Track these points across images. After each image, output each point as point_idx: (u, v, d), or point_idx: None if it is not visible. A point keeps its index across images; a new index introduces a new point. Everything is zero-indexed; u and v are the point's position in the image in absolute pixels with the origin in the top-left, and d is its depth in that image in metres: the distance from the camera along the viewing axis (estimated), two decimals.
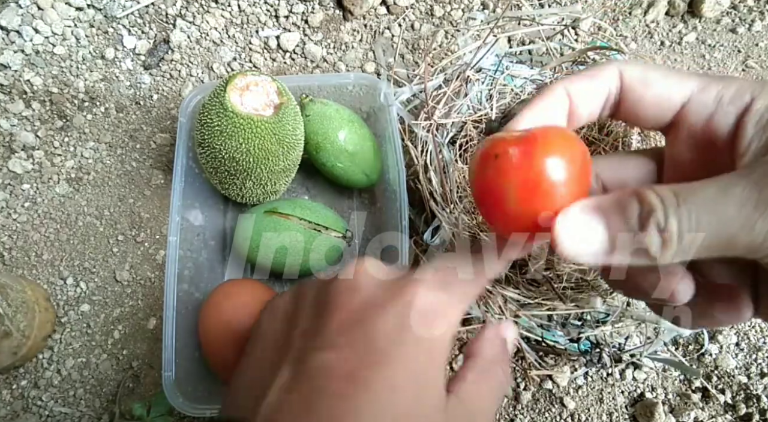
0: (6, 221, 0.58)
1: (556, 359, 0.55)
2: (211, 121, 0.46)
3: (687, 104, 0.24)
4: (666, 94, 0.24)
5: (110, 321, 0.56)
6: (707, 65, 0.67)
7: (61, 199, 0.59)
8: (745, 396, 0.55)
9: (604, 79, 0.24)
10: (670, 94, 0.24)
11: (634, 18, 0.69)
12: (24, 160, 0.59)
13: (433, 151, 0.51)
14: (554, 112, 0.25)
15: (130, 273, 0.57)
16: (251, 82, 0.47)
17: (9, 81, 0.61)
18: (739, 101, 0.22)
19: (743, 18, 0.69)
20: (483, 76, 0.56)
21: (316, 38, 0.65)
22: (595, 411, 0.54)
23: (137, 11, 0.64)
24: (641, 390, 0.55)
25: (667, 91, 0.24)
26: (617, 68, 0.24)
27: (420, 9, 0.67)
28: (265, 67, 0.64)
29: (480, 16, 0.64)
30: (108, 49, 0.63)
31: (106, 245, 0.58)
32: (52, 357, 0.54)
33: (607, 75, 0.24)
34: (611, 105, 0.25)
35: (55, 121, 0.61)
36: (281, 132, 0.47)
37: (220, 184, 0.52)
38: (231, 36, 0.65)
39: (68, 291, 0.56)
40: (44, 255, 0.57)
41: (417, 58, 0.65)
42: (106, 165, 0.60)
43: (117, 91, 0.62)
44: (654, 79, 0.24)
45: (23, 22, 0.62)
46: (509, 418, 0.54)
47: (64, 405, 0.53)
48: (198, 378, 0.48)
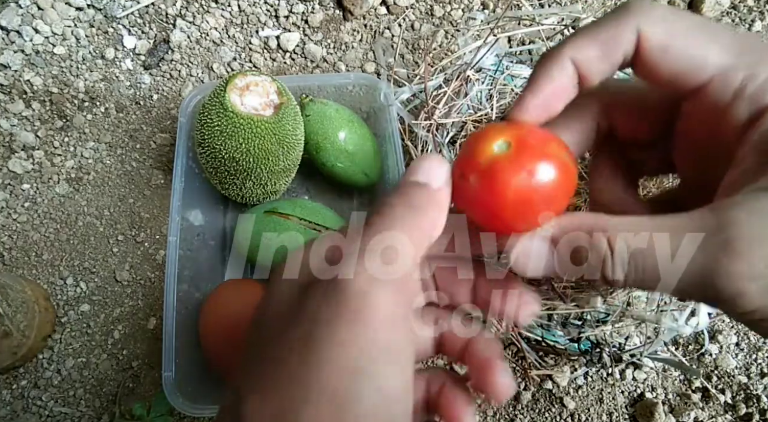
0: (6, 221, 0.58)
1: (556, 359, 0.55)
2: (211, 121, 0.46)
3: (706, 85, 0.20)
4: (684, 69, 0.20)
5: (110, 321, 0.56)
6: None
7: (61, 199, 0.59)
8: (745, 396, 0.55)
9: (619, 47, 0.21)
10: (688, 69, 0.20)
11: None
12: (24, 160, 0.59)
13: (433, 150, 0.51)
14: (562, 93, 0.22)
15: (130, 273, 0.57)
16: (251, 82, 0.47)
17: (9, 81, 0.61)
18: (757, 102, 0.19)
19: (743, 18, 0.69)
20: (483, 75, 0.56)
21: (316, 38, 0.65)
22: (595, 411, 0.54)
23: (137, 11, 0.64)
24: (641, 390, 0.55)
25: (686, 65, 0.20)
26: (636, 27, 0.20)
27: (420, 9, 0.67)
28: (265, 67, 0.64)
29: (480, 16, 0.64)
30: (108, 49, 0.63)
31: (106, 245, 0.58)
32: (52, 357, 0.54)
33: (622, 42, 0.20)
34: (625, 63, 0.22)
35: (55, 121, 0.61)
36: (281, 132, 0.47)
37: (220, 184, 0.52)
38: (231, 36, 0.65)
39: (68, 291, 0.56)
40: (44, 255, 0.57)
41: (417, 58, 0.65)
42: (106, 165, 0.60)
43: (117, 91, 0.62)
44: (675, 48, 0.20)
45: (23, 22, 0.62)
46: (509, 418, 0.54)
47: (64, 405, 0.53)
48: (198, 378, 0.48)
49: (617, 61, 0.21)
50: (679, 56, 0.20)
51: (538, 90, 0.22)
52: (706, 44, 0.20)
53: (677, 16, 0.21)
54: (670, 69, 0.20)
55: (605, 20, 0.21)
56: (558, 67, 0.21)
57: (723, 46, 0.20)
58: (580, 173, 0.55)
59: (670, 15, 0.21)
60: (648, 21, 0.20)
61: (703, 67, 0.20)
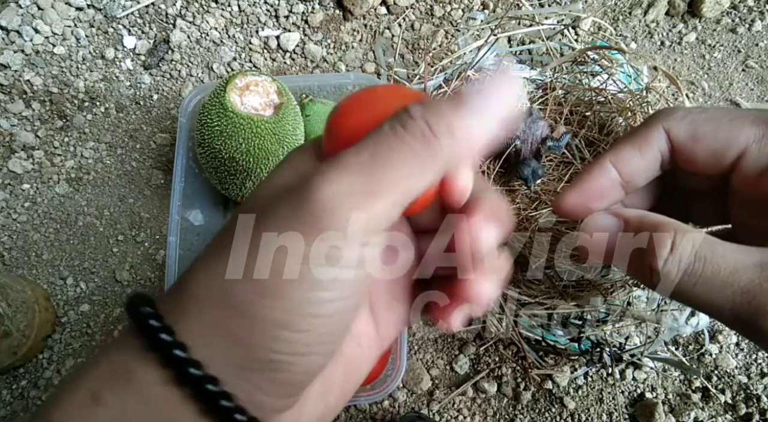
0: (6, 221, 0.58)
1: (556, 359, 0.55)
2: (211, 121, 0.46)
3: (742, 156, 0.23)
4: (719, 149, 0.23)
5: (110, 321, 0.56)
6: (707, 65, 0.67)
7: (61, 199, 0.59)
8: (745, 396, 0.55)
9: (651, 145, 0.24)
10: (723, 148, 0.23)
11: (634, 18, 0.69)
12: (24, 160, 0.59)
13: None
14: (603, 189, 0.25)
15: (130, 273, 0.57)
16: (251, 82, 0.47)
17: (9, 81, 0.61)
18: None
19: (743, 18, 0.69)
20: (483, 75, 0.56)
21: (316, 38, 0.65)
22: (595, 411, 0.54)
23: (137, 11, 0.64)
24: (641, 390, 0.55)
25: (720, 145, 0.23)
26: (663, 128, 0.23)
27: (420, 9, 0.67)
28: (265, 67, 0.64)
29: (480, 16, 0.64)
30: (108, 49, 0.63)
31: (106, 245, 0.58)
32: (52, 357, 0.54)
33: (653, 140, 0.24)
34: (666, 162, 0.24)
35: (55, 121, 0.61)
36: (281, 132, 0.47)
37: (220, 184, 0.52)
38: (231, 36, 0.65)
39: (68, 291, 0.56)
40: (44, 255, 0.57)
41: (417, 58, 0.65)
42: (106, 165, 0.60)
43: (117, 91, 0.62)
44: (705, 133, 0.23)
45: (23, 22, 0.62)
46: (509, 418, 0.54)
47: None
48: None
49: (654, 157, 0.24)
50: (708, 140, 0.23)
51: (579, 186, 0.25)
52: (731, 125, 0.23)
53: (698, 110, 0.24)
54: (704, 152, 0.23)
55: (637, 127, 0.25)
56: (598, 169, 0.24)
57: (747, 122, 0.22)
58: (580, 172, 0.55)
59: (691, 110, 0.24)
60: (672, 119, 0.23)
61: (733, 142, 0.23)
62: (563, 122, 0.55)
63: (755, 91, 0.67)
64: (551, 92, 0.56)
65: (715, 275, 0.20)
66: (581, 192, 0.25)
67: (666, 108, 0.24)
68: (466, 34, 0.58)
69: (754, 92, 0.67)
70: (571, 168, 0.55)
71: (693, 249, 0.20)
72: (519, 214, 0.51)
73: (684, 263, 0.20)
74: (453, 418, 0.54)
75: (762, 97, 0.66)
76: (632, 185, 0.25)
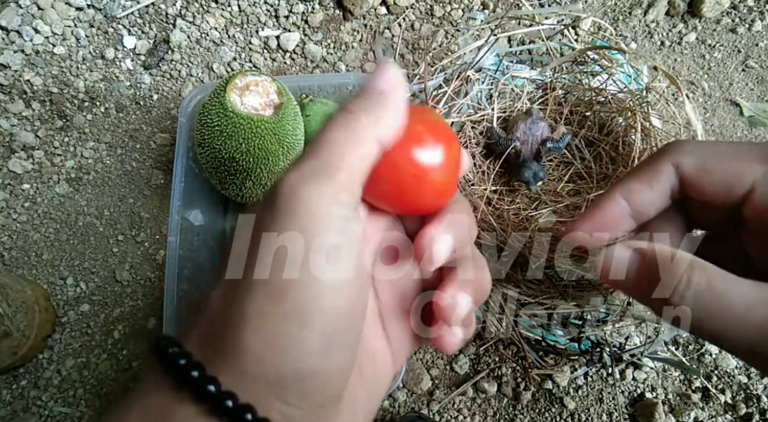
0: (6, 221, 0.58)
1: (556, 359, 0.55)
2: (211, 121, 0.46)
3: (752, 190, 0.23)
4: (729, 182, 0.23)
5: (110, 321, 0.56)
6: (707, 65, 0.67)
7: (61, 199, 0.59)
8: (745, 396, 0.55)
9: (661, 179, 0.24)
10: (732, 181, 0.23)
11: (634, 18, 0.69)
12: (24, 160, 0.59)
13: None
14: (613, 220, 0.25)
15: (130, 273, 0.57)
16: (251, 82, 0.47)
17: (9, 81, 0.61)
18: None
19: (743, 18, 0.69)
20: (483, 75, 0.56)
21: (316, 38, 0.65)
22: (595, 411, 0.54)
23: (137, 11, 0.64)
24: (641, 390, 0.55)
25: (729, 178, 0.23)
26: (671, 163, 0.24)
27: (420, 9, 0.67)
28: (265, 67, 0.64)
29: (480, 16, 0.64)
30: (108, 49, 0.63)
31: (106, 245, 0.58)
32: (52, 357, 0.54)
33: (663, 174, 0.24)
34: (676, 194, 0.25)
35: (55, 121, 0.61)
36: (281, 132, 0.47)
37: (220, 184, 0.52)
38: (231, 36, 0.65)
39: (68, 291, 0.56)
40: (44, 255, 0.57)
41: (417, 58, 0.65)
42: (106, 165, 0.60)
43: (117, 91, 0.62)
44: (713, 166, 0.23)
45: (23, 22, 0.62)
46: (509, 418, 0.54)
47: (64, 405, 0.53)
48: None
49: (663, 190, 0.24)
50: (717, 172, 0.23)
51: (589, 217, 0.25)
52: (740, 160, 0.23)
53: (706, 143, 0.24)
54: (714, 184, 0.23)
55: (646, 160, 0.25)
56: (608, 201, 0.25)
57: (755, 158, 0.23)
58: (580, 172, 0.55)
59: (699, 144, 0.24)
60: (680, 152, 0.24)
61: (743, 176, 0.23)
62: (563, 122, 0.55)
63: (755, 91, 0.67)
64: (551, 92, 0.56)
65: (730, 311, 0.20)
66: (593, 221, 0.25)
67: (674, 141, 0.25)
68: (466, 34, 0.58)
69: (754, 92, 0.67)
70: (571, 168, 0.55)
71: (707, 284, 0.20)
72: (519, 214, 0.51)
73: (698, 298, 0.20)
74: (453, 418, 0.54)
75: (762, 97, 0.66)
76: (643, 216, 0.25)
